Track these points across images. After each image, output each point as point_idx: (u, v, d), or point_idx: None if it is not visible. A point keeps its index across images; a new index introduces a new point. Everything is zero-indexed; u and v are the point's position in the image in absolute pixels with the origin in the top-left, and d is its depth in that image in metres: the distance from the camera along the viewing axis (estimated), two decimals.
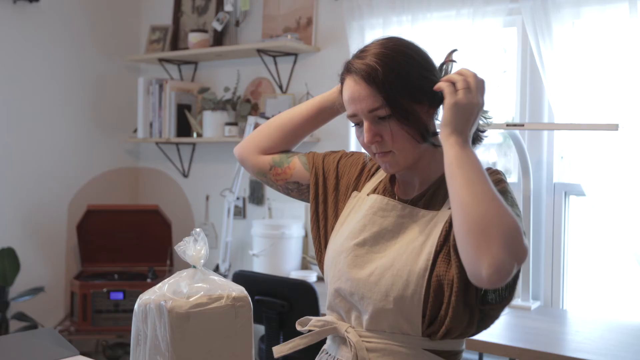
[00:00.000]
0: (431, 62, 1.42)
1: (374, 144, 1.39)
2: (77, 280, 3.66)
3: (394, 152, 1.39)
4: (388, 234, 1.42)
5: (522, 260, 1.23)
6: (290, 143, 1.67)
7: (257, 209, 3.83)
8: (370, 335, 1.39)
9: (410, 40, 1.44)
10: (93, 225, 3.84)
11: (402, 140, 1.37)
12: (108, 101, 4.16)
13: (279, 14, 3.69)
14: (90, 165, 4.10)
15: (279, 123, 1.67)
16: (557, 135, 2.93)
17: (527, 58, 2.96)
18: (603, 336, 2.45)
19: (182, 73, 4.10)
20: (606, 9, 2.67)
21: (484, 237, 1.21)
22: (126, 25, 4.26)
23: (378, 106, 1.36)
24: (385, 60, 1.36)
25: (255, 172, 1.70)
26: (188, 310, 1.24)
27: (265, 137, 1.67)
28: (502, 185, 1.37)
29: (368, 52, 1.40)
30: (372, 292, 1.37)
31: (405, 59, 1.37)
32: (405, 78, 1.36)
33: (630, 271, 2.78)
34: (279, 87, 3.70)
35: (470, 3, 2.96)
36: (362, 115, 1.38)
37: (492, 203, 1.24)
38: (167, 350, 1.23)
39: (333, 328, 1.45)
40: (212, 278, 1.33)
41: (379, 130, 1.38)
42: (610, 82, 2.68)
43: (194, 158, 4.12)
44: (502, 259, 1.19)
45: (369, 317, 1.38)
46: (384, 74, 1.35)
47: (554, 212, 2.94)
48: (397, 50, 1.38)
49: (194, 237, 1.36)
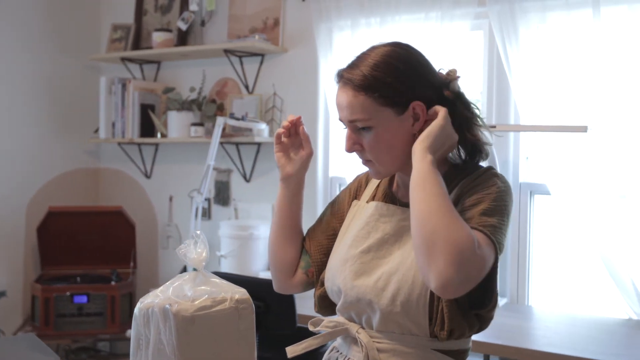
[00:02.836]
0: (423, 75, 1.40)
1: (353, 152, 1.44)
2: (39, 284, 3.57)
3: (374, 162, 1.43)
4: (391, 238, 1.44)
5: (474, 276, 1.24)
6: (297, 242, 1.62)
7: (222, 209, 3.81)
8: (381, 337, 1.41)
9: (410, 51, 1.42)
10: (54, 227, 3.76)
11: (378, 153, 1.40)
12: (68, 101, 4.08)
13: (245, 14, 3.68)
14: (49, 166, 4.01)
15: (276, 239, 1.61)
16: (522, 136, 3.01)
17: (494, 61, 3.04)
18: (571, 331, 2.53)
19: (144, 73, 4.05)
20: (571, 13, 2.75)
21: (432, 251, 1.23)
22: (86, 23, 4.17)
23: (357, 118, 1.38)
24: (373, 74, 1.36)
25: (305, 289, 1.62)
26: (193, 313, 1.24)
27: (280, 261, 1.61)
28: (494, 189, 1.35)
29: (361, 59, 1.41)
30: (380, 298, 1.38)
31: (392, 72, 1.37)
32: (391, 93, 1.36)
33: (592, 268, 2.88)
34: (245, 87, 3.68)
35: (438, 6, 3.01)
36: (344, 122, 1.42)
37: (445, 219, 1.24)
38: (173, 354, 1.23)
39: (344, 329, 1.47)
40: (214, 280, 1.33)
41: (358, 139, 1.41)
42: (575, 85, 2.76)
43: (157, 159, 4.07)
44: (449, 274, 1.20)
45: (378, 320, 1.41)
46: (369, 87, 1.36)
47: (519, 211, 3.01)
48: (390, 64, 1.37)
49: (195, 239, 1.36)
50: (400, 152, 1.40)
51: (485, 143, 1.44)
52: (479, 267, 1.24)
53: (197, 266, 1.33)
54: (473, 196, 1.34)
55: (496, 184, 1.36)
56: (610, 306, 2.84)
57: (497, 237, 1.28)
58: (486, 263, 1.26)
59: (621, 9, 2.66)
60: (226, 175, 3.79)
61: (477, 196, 1.34)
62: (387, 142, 1.39)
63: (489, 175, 1.39)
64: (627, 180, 2.66)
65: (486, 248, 1.26)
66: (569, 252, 3.01)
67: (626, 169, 2.66)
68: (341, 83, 1.41)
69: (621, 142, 2.67)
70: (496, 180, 1.37)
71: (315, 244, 1.59)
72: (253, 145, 3.65)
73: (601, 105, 2.69)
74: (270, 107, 3.60)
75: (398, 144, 1.39)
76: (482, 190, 1.34)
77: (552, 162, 2.79)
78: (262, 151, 3.66)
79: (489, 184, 1.36)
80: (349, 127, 1.42)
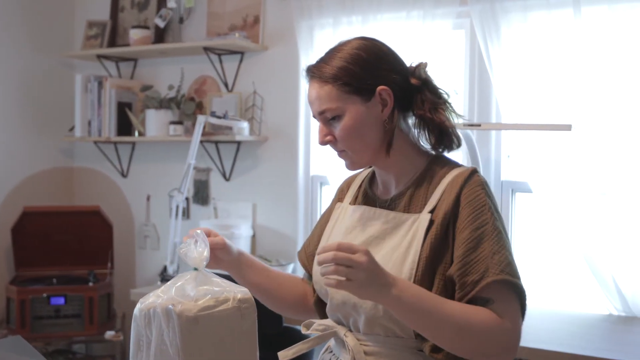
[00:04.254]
0: (387, 62, 1.43)
1: (326, 144, 1.46)
2: (14, 286, 3.50)
3: (347, 151, 1.45)
4: (375, 240, 1.45)
5: (517, 341, 1.34)
6: (289, 284, 1.64)
7: (201, 209, 3.78)
8: (367, 339, 1.42)
9: (375, 42, 1.46)
10: (29, 228, 3.68)
11: (350, 141, 1.43)
12: (42, 99, 4.00)
13: (225, 12, 3.65)
14: (23, 165, 3.92)
15: (273, 301, 1.63)
16: (504, 134, 3.03)
17: (476, 60, 3.05)
18: (555, 327, 2.56)
19: (120, 70, 3.99)
20: (552, 12, 2.78)
21: (481, 356, 1.33)
22: (59, 19, 4.10)
23: (325, 108, 1.41)
24: (338, 64, 1.41)
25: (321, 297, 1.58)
26: (197, 313, 1.22)
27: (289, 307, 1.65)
28: (488, 215, 1.36)
29: (328, 54, 1.46)
30: (363, 301, 1.38)
31: (357, 60, 1.40)
32: (356, 80, 1.40)
33: (573, 265, 2.92)
34: (224, 85, 3.65)
35: (420, 5, 3.02)
36: (316, 116, 1.45)
37: (463, 337, 1.29)
38: (176, 354, 1.21)
39: (333, 332, 1.47)
40: (215, 280, 1.31)
41: (330, 131, 1.44)
42: (555, 83, 2.80)
43: (134, 158, 4.01)
44: (499, 357, 1.33)
45: (363, 323, 1.42)
46: (334, 77, 1.40)
47: (501, 209, 3.03)
48: (353, 53, 1.41)
49: (195, 238, 1.34)
50: (372, 139, 1.42)
51: (453, 127, 1.46)
52: (518, 336, 1.34)
53: (197, 266, 1.31)
54: (470, 228, 1.34)
55: (486, 204, 1.36)
56: (589, 302, 2.88)
57: (515, 273, 1.33)
58: (517, 320, 1.33)
59: (601, 9, 2.70)
60: (205, 174, 3.75)
61: (474, 231, 1.33)
62: (358, 130, 1.41)
63: (477, 191, 1.38)
64: (608, 178, 2.70)
65: (511, 305, 1.32)
66: (551, 250, 3.05)
67: (606, 166, 2.70)
68: (309, 78, 1.45)
69: (601, 140, 2.71)
70: (486, 200, 1.37)
71: (311, 258, 1.61)
72: (233, 144, 3.63)
73: (581, 103, 2.73)
74: (251, 105, 3.57)
75: (369, 130, 1.42)
76: (477, 218, 1.34)
77: (533, 160, 2.82)
78: (242, 150, 3.63)
79: (479, 204, 1.36)
80: (320, 120, 1.45)
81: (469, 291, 1.31)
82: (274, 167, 3.55)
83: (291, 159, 3.48)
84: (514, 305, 1.33)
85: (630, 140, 2.66)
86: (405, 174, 1.47)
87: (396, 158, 1.46)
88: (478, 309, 1.30)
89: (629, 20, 2.64)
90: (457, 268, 1.32)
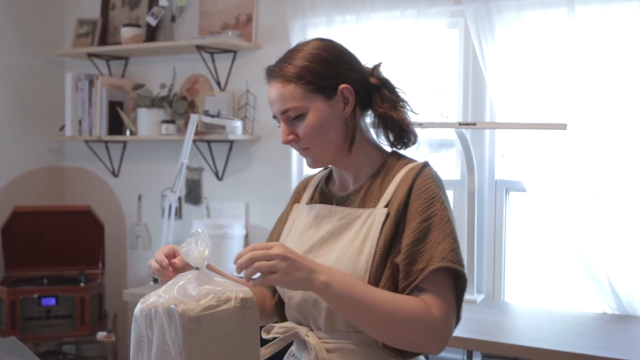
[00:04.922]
0: (348, 62, 1.47)
1: (289, 143, 1.48)
2: (4, 286, 3.46)
3: (311, 148, 1.47)
4: (330, 237, 1.47)
5: (450, 329, 1.37)
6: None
7: (193, 208, 3.76)
8: (328, 337, 1.43)
9: (334, 43, 1.49)
10: (20, 228, 3.65)
11: (313, 139, 1.45)
12: (31, 97, 3.96)
13: (217, 10, 3.63)
14: (12, 164, 3.88)
15: None
16: (498, 133, 3.03)
17: (470, 59, 3.06)
18: (550, 325, 2.56)
19: (111, 69, 3.96)
20: (546, 12, 2.79)
21: (408, 345, 1.36)
22: (49, 17, 4.06)
23: (288, 107, 1.43)
24: (300, 64, 1.43)
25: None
26: (199, 313, 1.21)
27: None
28: (438, 206, 1.39)
29: (287, 55, 1.48)
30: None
31: (318, 60, 1.44)
32: (319, 79, 1.42)
33: (567, 264, 2.93)
34: (217, 84, 3.64)
35: (414, 4, 3.02)
36: (278, 116, 1.47)
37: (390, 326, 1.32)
38: (179, 354, 1.20)
39: (295, 333, 1.48)
40: (216, 279, 1.30)
41: (293, 130, 1.46)
42: (550, 82, 2.80)
43: (125, 157, 3.99)
44: (433, 351, 1.35)
45: (324, 320, 1.43)
46: (297, 76, 1.42)
47: (495, 208, 3.05)
48: (315, 53, 1.44)
49: (196, 237, 1.33)
50: (334, 137, 1.46)
51: (411, 124, 1.51)
52: (449, 328, 1.36)
53: (198, 265, 1.30)
54: (419, 219, 1.37)
55: (436, 196, 1.40)
56: (584, 301, 2.89)
57: (458, 260, 1.36)
58: (447, 311, 1.35)
59: (595, 8, 2.71)
60: (197, 173, 3.73)
61: (423, 222, 1.37)
62: (322, 127, 1.44)
63: (428, 184, 1.41)
64: (602, 177, 2.71)
65: (445, 295, 1.35)
66: (545, 249, 3.05)
67: (601, 166, 2.71)
68: (270, 79, 1.47)
69: (596, 139, 2.71)
70: (436, 192, 1.41)
71: None
72: (225, 143, 3.61)
73: (575, 102, 2.73)
74: (243, 104, 3.56)
75: (332, 128, 1.45)
76: (427, 209, 1.38)
77: (527, 159, 2.83)
78: (234, 149, 3.61)
79: (430, 195, 1.40)
80: (282, 120, 1.46)
81: (414, 280, 1.35)
82: (267, 166, 3.53)
83: (284, 158, 3.46)
84: (449, 294, 1.36)
85: (624, 140, 2.67)
86: (363, 171, 1.52)
87: (356, 155, 1.50)
88: (409, 298, 1.34)
89: (622, 20, 2.65)
90: (403, 257, 1.36)
